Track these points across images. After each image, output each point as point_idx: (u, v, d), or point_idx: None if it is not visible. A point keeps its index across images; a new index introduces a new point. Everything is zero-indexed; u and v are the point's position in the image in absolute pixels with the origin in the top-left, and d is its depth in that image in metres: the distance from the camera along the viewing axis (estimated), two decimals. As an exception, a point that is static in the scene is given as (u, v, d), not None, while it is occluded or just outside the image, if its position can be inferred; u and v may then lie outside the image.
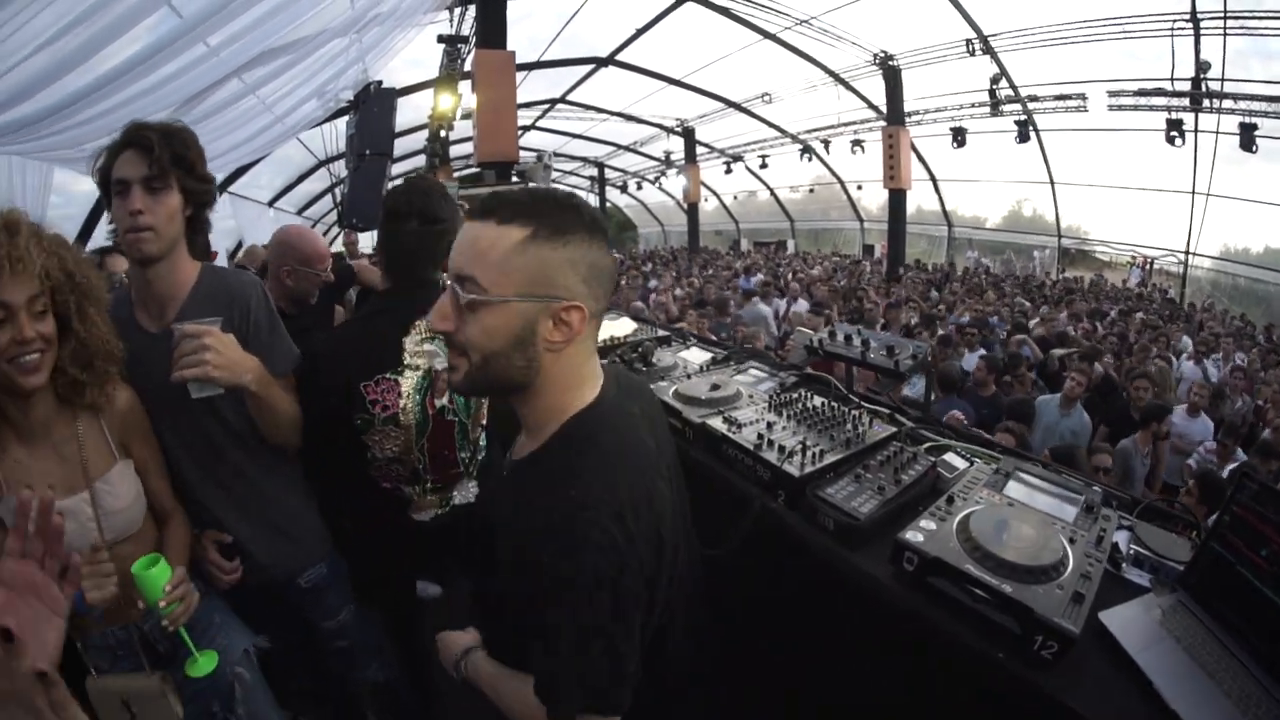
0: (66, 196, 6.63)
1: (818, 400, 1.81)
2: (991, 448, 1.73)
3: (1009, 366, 5.67)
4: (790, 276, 12.43)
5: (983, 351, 6.25)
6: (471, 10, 7.07)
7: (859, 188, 19.16)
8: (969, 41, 11.48)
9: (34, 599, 0.77)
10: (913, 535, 1.19)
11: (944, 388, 4.69)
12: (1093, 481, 1.49)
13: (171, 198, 1.41)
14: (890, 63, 12.68)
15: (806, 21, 11.63)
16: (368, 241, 6.51)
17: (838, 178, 19.31)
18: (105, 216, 1.47)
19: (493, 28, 5.33)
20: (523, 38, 5.49)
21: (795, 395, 1.86)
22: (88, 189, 5.39)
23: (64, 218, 6.61)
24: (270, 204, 13.09)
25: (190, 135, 1.47)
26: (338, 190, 13.52)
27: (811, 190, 21.24)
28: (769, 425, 1.66)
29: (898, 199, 13.77)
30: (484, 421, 1.90)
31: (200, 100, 4.82)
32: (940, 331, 7.32)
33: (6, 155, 4.30)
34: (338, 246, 7.02)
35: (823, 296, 9.15)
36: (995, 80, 12.08)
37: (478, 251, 0.93)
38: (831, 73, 13.49)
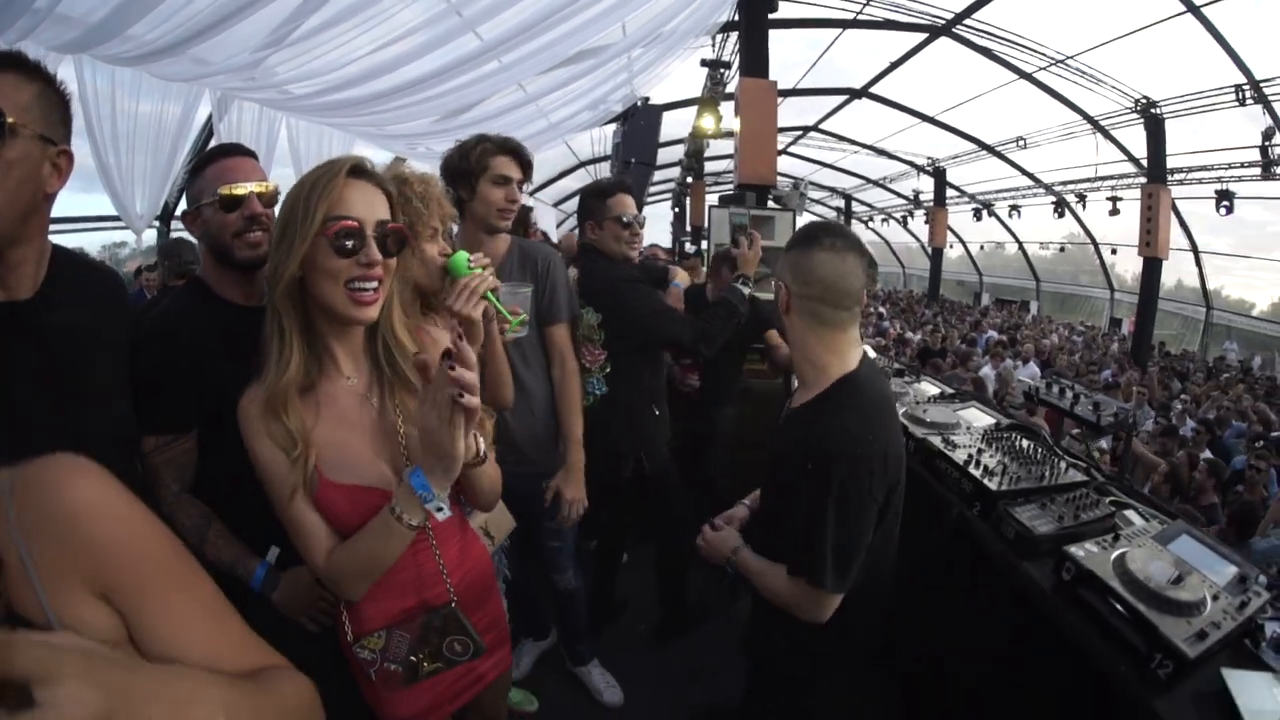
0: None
1: (1025, 443, 2.10)
2: (1172, 516, 1.88)
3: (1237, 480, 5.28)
4: (1026, 340, 11.95)
5: (1208, 454, 5.84)
6: (733, 37, 7.65)
7: (1113, 252, 16.93)
8: (1239, 88, 9.76)
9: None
10: (1076, 550, 1.51)
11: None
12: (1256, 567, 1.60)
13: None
14: (1152, 110, 11.11)
15: (1063, 61, 10.68)
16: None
17: (1091, 238, 17.19)
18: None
19: (755, 57, 5.58)
20: (776, 63, 5.91)
21: (1007, 435, 2.17)
22: (382, 158, 7.00)
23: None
24: (532, 194, 14.81)
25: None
26: (600, 189, 15.21)
27: (1062, 249, 19.06)
28: (979, 451, 2.00)
29: (1153, 269, 12.05)
30: None
31: (485, 102, 5.75)
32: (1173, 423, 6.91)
33: (320, 125, 5.72)
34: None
35: (1061, 368, 9.14)
36: (1268, 136, 10.01)
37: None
38: (1089, 118, 12.16)
